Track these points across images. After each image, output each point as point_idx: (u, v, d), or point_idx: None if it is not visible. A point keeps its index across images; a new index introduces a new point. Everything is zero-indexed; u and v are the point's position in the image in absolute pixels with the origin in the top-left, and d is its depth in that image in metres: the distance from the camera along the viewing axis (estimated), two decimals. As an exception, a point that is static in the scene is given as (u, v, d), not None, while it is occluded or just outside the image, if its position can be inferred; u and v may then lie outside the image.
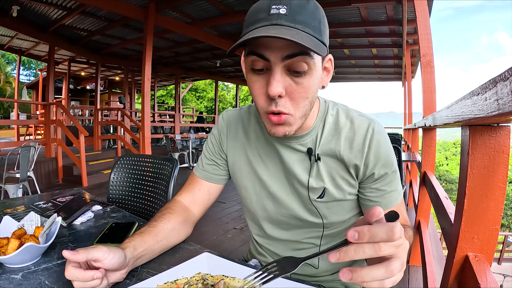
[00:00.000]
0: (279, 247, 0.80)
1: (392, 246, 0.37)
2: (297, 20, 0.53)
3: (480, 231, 0.62)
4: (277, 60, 0.54)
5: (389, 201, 0.69)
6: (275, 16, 0.53)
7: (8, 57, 15.89)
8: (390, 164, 0.67)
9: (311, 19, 0.54)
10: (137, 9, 5.24)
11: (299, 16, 0.53)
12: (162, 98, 21.98)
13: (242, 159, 0.79)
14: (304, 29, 0.53)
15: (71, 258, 0.50)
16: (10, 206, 1.05)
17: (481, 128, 0.58)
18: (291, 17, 0.52)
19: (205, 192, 0.82)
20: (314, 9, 0.55)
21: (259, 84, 0.58)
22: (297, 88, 0.57)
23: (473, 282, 0.56)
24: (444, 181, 23.45)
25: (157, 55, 8.62)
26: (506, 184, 0.59)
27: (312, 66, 0.56)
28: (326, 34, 0.59)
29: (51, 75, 7.15)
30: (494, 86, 0.38)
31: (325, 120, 0.70)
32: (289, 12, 0.52)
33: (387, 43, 7.43)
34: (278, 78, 0.55)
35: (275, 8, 0.53)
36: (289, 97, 0.57)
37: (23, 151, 3.53)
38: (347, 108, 0.73)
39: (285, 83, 0.56)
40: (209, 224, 3.29)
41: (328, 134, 0.69)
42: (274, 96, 0.56)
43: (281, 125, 0.60)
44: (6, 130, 12.59)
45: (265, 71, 0.57)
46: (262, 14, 0.54)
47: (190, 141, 7.39)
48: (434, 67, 2.05)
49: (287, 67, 0.55)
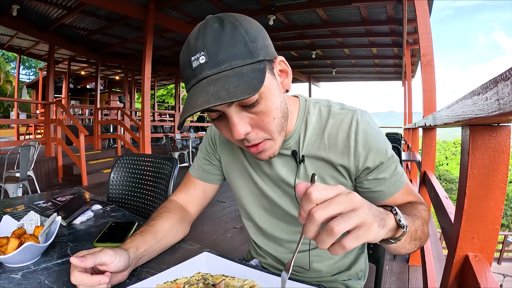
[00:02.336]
0: (278, 248, 0.79)
1: (324, 210, 0.37)
2: (219, 61, 0.50)
3: (480, 231, 0.62)
4: (225, 108, 0.53)
5: (393, 187, 0.65)
6: (198, 69, 0.51)
7: (8, 54, 15.86)
8: (383, 152, 0.64)
9: (233, 48, 0.50)
10: (137, 8, 5.23)
11: (219, 55, 0.50)
12: (162, 97, 21.95)
13: (235, 160, 0.79)
14: (231, 66, 0.50)
15: (80, 265, 0.49)
16: (10, 206, 1.05)
17: (481, 128, 0.58)
18: (213, 62, 0.50)
19: (201, 191, 0.83)
20: (231, 33, 0.51)
21: (225, 129, 0.58)
22: (258, 118, 0.55)
23: (473, 282, 0.56)
24: (444, 180, 23.47)
25: (157, 54, 8.61)
26: (506, 184, 0.59)
27: (265, 92, 0.54)
28: (259, 45, 0.53)
29: (51, 74, 7.15)
30: (495, 86, 0.38)
31: (307, 120, 0.68)
32: (208, 57, 0.50)
33: (387, 43, 7.43)
34: (236, 121, 0.54)
35: (194, 59, 0.51)
36: (257, 128, 0.57)
37: (23, 150, 3.53)
38: (329, 104, 0.70)
39: (246, 120, 0.55)
40: (209, 223, 3.29)
41: (312, 135, 0.68)
42: (241, 138, 0.55)
43: (262, 152, 0.60)
44: (6, 130, 12.58)
45: (223, 116, 0.57)
46: (187, 70, 0.53)
47: (190, 140, 7.39)
48: (434, 66, 2.05)
49: (238, 105, 0.54)
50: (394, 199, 0.66)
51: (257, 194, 0.77)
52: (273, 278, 0.55)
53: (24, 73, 19.69)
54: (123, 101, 9.72)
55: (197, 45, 0.51)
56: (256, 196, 0.78)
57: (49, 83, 7.05)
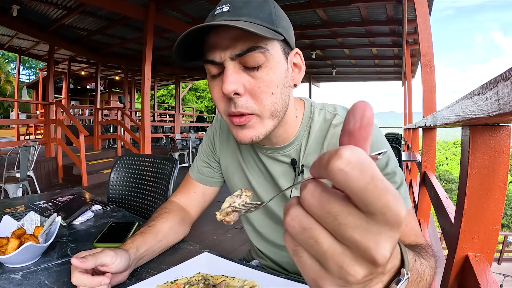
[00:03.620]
0: (278, 252, 0.78)
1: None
2: (241, 13, 0.51)
3: (480, 231, 0.62)
4: (227, 59, 0.52)
5: None
6: (218, 15, 0.52)
7: (8, 55, 15.87)
8: (381, 165, 0.57)
9: (258, 11, 0.52)
10: (137, 8, 5.24)
11: (243, 10, 0.51)
12: (162, 98, 21.96)
13: (234, 164, 0.77)
14: (250, 20, 0.51)
15: (81, 266, 0.49)
16: (10, 206, 1.05)
17: (481, 128, 0.58)
18: (235, 12, 0.51)
19: (200, 194, 0.82)
20: (261, 3, 0.54)
21: (217, 88, 0.56)
22: (255, 83, 0.53)
23: (473, 282, 0.56)
24: (444, 181, 23.46)
25: (157, 54, 8.60)
26: (506, 184, 0.59)
27: (269, 57, 0.52)
28: (281, 25, 0.54)
29: (51, 75, 7.15)
30: (495, 86, 0.38)
31: (310, 128, 0.64)
32: (232, 8, 0.52)
33: (387, 43, 7.43)
34: (231, 75, 0.52)
35: (219, 8, 0.53)
36: (250, 94, 0.53)
37: (23, 150, 3.53)
38: (335, 111, 0.65)
39: (242, 80, 0.52)
40: (209, 224, 3.29)
41: (313, 143, 0.64)
42: (229, 94, 0.52)
43: (245, 128, 0.56)
44: (6, 130, 12.58)
45: (221, 74, 0.54)
46: (208, 18, 0.54)
47: (190, 140, 7.39)
48: (434, 66, 2.05)
49: (241, 63, 0.52)
50: None
51: (256, 200, 0.75)
52: (273, 279, 0.55)
53: (24, 74, 19.71)
54: (123, 102, 9.72)
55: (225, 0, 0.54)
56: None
57: (49, 83, 7.05)
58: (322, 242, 0.19)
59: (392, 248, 0.19)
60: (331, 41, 7.67)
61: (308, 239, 0.20)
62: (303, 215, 0.20)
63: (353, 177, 0.17)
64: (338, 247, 0.19)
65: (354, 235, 0.18)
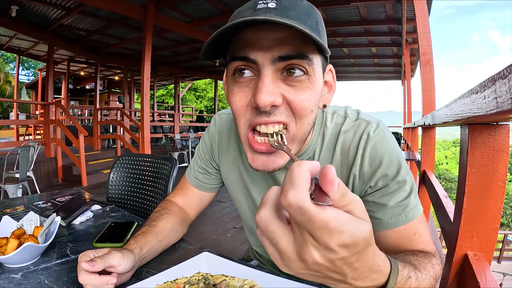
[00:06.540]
0: None
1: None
2: (289, 14, 0.42)
3: (479, 230, 0.62)
4: (266, 62, 0.44)
5: (393, 219, 0.53)
6: (263, 10, 0.42)
7: (7, 55, 15.84)
8: (392, 173, 0.53)
9: (306, 17, 0.44)
10: (136, 8, 5.23)
11: (291, 11, 0.43)
12: (162, 98, 21.94)
13: (235, 173, 0.73)
14: (299, 25, 0.41)
15: (91, 270, 0.49)
16: (10, 206, 1.05)
17: (480, 127, 0.58)
18: (282, 11, 0.42)
19: (197, 199, 0.82)
20: (309, 8, 0.46)
21: (242, 94, 0.47)
22: (297, 95, 0.45)
23: (473, 281, 0.56)
24: (444, 179, 23.47)
25: (157, 54, 8.60)
26: (505, 182, 0.59)
27: (312, 71, 0.45)
28: (324, 37, 0.48)
29: (50, 75, 7.14)
30: (493, 84, 0.38)
31: (324, 134, 0.60)
32: (279, 6, 0.42)
33: (387, 42, 7.43)
34: (270, 84, 0.43)
35: (262, 3, 0.43)
36: (289, 106, 0.46)
37: (22, 151, 3.53)
38: (345, 114, 0.60)
39: (281, 90, 0.45)
40: (208, 223, 3.29)
41: (326, 150, 0.60)
42: (265, 107, 0.43)
43: (271, 155, 0.47)
44: (5, 130, 12.56)
45: (251, 79, 0.46)
46: (246, 12, 0.44)
47: (190, 140, 7.38)
48: (433, 65, 2.05)
49: (280, 71, 0.45)
50: (392, 234, 0.54)
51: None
52: (273, 278, 0.55)
53: (24, 74, 19.68)
54: (123, 102, 9.71)
55: None
56: (255, 213, 0.75)
57: (49, 83, 7.03)
58: (280, 242, 0.28)
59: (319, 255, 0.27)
60: (330, 40, 7.66)
61: (271, 239, 0.29)
62: (269, 218, 0.28)
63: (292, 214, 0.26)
64: (291, 247, 0.28)
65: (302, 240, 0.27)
